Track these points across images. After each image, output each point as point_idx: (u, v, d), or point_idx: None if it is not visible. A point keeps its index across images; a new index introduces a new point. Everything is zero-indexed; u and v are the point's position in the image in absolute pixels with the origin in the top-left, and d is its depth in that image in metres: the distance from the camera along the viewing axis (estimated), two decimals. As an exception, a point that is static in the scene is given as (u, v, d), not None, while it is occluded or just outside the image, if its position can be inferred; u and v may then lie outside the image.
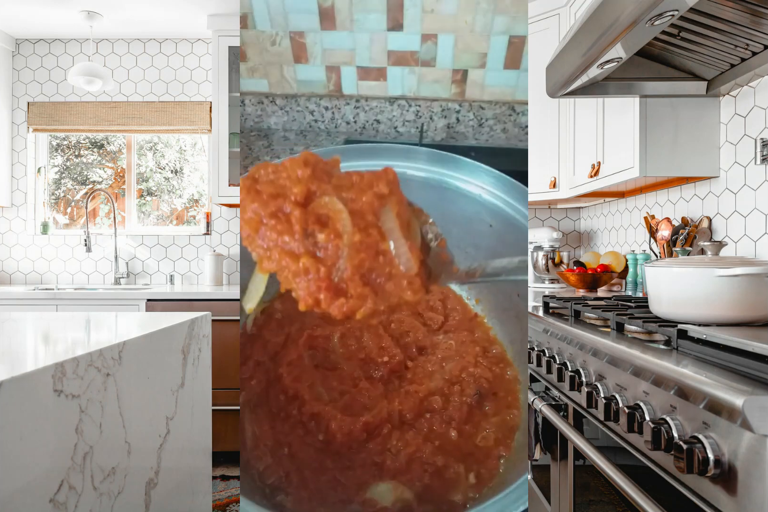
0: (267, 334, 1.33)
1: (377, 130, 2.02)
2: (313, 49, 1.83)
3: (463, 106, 1.98)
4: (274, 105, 1.97)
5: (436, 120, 1.99)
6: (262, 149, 2.01)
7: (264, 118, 2.00)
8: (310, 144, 2.02)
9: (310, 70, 1.90)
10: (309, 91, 1.95)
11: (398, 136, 2.03)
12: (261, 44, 1.83)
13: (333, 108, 1.98)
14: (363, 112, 1.99)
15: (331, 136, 2.02)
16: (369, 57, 1.86)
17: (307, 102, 1.97)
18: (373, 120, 2.01)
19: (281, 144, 2.01)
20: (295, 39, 1.80)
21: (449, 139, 2.02)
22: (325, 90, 1.96)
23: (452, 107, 1.97)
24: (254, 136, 2.01)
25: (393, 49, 1.84)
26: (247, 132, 2.01)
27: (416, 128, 2.00)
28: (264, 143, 2.01)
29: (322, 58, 1.87)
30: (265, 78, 1.92)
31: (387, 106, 1.99)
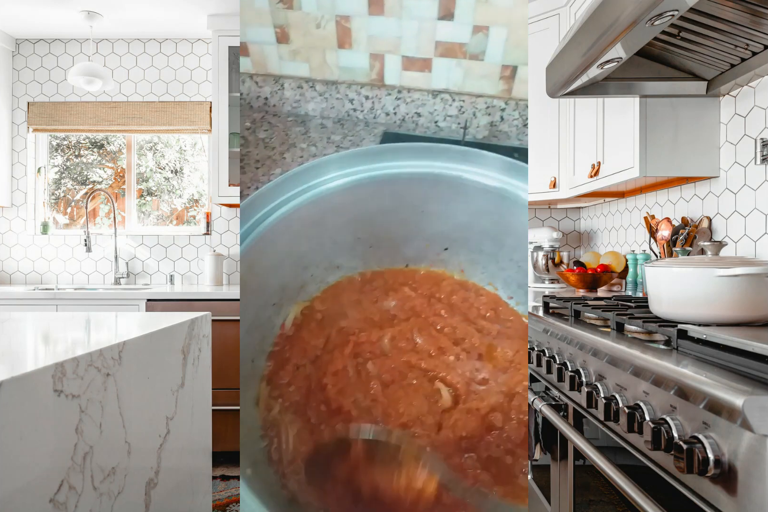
0: (306, 336, 1.29)
1: (417, 123, 1.95)
2: (358, 34, 1.76)
3: (509, 104, 1.90)
4: (313, 90, 1.92)
5: (480, 117, 1.92)
6: (299, 136, 1.95)
7: (302, 103, 1.94)
8: (348, 134, 1.96)
9: (353, 56, 1.83)
10: (350, 79, 1.89)
11: (438, 131, 1.96)
12: (305, 26, 1.76)
13: (373, 97, 1.92)
14: (404, 103, 1.92)
15: (369, 126, 1.96)
16: (415, 46, 1.78)
17: (347, 90, 1.91)
18: (414, 112, 1.94)
19: (318, 131, 1.95)
20: (341, 23, 1.74)
21: (491, 138, 1.95)
22: (366, 78, 1.88)
23: (497, 105, 1.89)
24: (291, 122, 1.95)
25: (441, 40, 1.75)
26: (284, 116, 1.95)
27: (458, 124, 1.92)
28: (301, 130, 1.95)
29: (366, 45, 1.79)
30: (306, 62, 1.86)
31: (429, 99, 1.91)
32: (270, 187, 1.21)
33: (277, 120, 1.99)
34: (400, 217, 1.31)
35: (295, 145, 1.95)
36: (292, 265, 1.28)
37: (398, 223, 1.32)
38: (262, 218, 1.20)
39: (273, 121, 1.98)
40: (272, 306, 1.27)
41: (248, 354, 1.21)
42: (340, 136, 1.96)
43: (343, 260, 1.34)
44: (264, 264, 1.23)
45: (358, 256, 1.34)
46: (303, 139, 1.96)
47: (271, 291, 1.27)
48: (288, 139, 1.96)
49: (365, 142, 1.95)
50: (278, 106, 1.96)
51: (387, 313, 1.31)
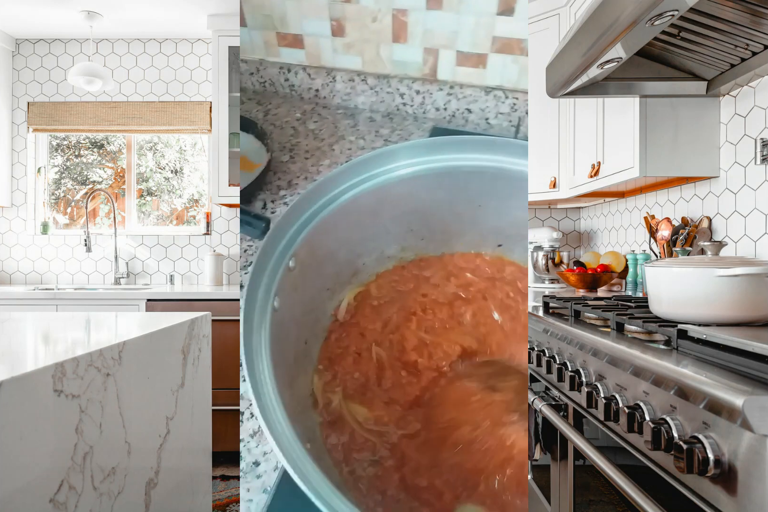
0: (363, 322, 1.29)
1: (467, 119, 1.92)
2: (415, 28, 1.73)
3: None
4: (364, 84, 1.91)
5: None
6: (348, 128, 1.94)
7: (353, 96, 1.93)
8: (396, 128, 1.93)
9: (407, 50, 1.80)
10: (402, 73, 1.86)
11: (489, 128, 1.92)
12: (362, 20, 1.74)
13: (425, 92, 1.90)
14: (455, 99, 1.89)
15: (417, 121, 1.94)
16: (472, 41, 1.74)
17: (398, 84, 1.89)
18: (465, 109, 1.91)
19: (367, 125, 1.93)
20: (398, 17, 1.71)
21: None
22: (419, 73, 1.86)
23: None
24: (341, 114, 1.95)
25: (499, 35, 1.71)
26: (334, 109, 1.95)
27: (509, 122, 1.88)
28: (350, 122, 1.94)
29: (422, 39, 1.76)
30: (359, 55, 1.84)
31: (482, 96, 1.87)
32: (335, 174, 1.21)
33: (327, 112, 1.99)
34: (455, 210, 1.30)
35: (344, 138, 1.94)
36: (347, 253, 1.29)
37: (453, 216, 1.30)
38: (325, 204, 1.20)
39: (323, 113, 1.98)
40: (326, 290, 1.27)
41: (303, 334, 1.20)
42: (388, 129, 1.95)
43: (394, 250, 1.33)
44: (323, 250, 1.23)
45: (408, 248, 1.34)
46: (352, 131, 1.95)
47: (326, 276, 1.27)
48: (337, 132, 1.95)
49: (413, 137, 1.93)
50: (329, 98, 1.96)
51: (453, 295, 1.32)
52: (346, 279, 1.31)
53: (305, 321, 1.21)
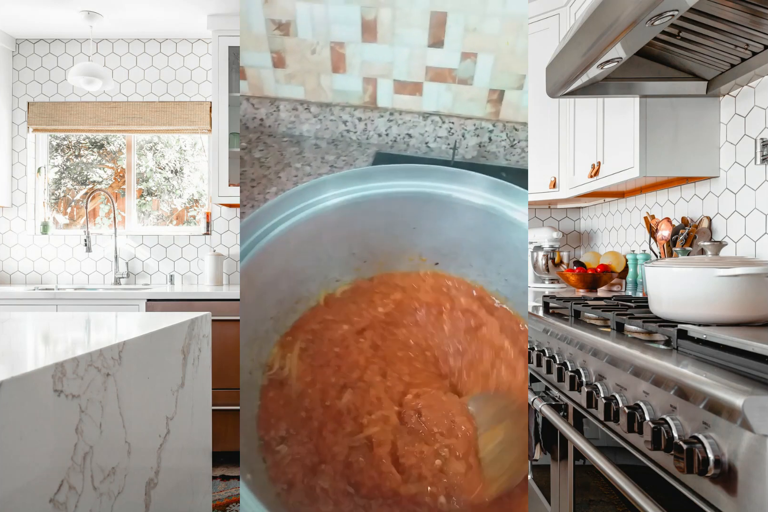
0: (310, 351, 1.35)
1: (408, 144, 2.03)
2: (352, 60, 1.84)
3: (497, 125, 1.98)
4: (308, 112, 1.99)
5: (468, 138, 1.99)
6: (294, 156, 2.01)
7: (297, 124, 2.01)
8: (341, 154, 2.03)
9: (347, 80, 1.91)
10: (344, 101, 1.96)
11: (429, 152, 2.03)
12: (301, 52, 1.83)
13: (366, 119, 1.99)
14: (396, 125, 2.00)
15: (362, 146, 2.03)
16: (407, 71, 1.86)
17: (341, 112, 1.98)
18: (405, 134, 2.02)
19: (313, 152, 2.02)
20: (335, 49, 1.82)
21: (480, 158, 2.02)
22: (360, 101, 1.96)
23: (485, 126, 1.98)
24: (286, 142, 2.02)
25: (431, 65, 1.84)
26: (279, 137, 2.01)
27: (447, 145, 1.99)
28: (296, 149, 2.02)
29: (360, 70, 1.87)
30: (301, 85, 1.93)
31: (420, 121, 1.99)
32: (270, 205, 1.27)
33: (273, 140, 2.05)
34: (393, 233, 1.38)
35: (290, 165, 2.02)
36: (289, 280, 1.34)
37: (391, 238, 1.39)
38: (262, 235, 1.25)
39: (269, 141, 2.04)
40: (269, 319, 1.31)
41: (246, 365, 1.23)
42: (333, 156, 2.03)
43: (338, 274, 1.39)
44: (262, 279, 1.28)
45: (352, 271, 1.40)
46: (298, 158, 2.02)
47: (269, 305, 1.31)
48: (283, 159, 2.02)
49: (358, 162, 2.03)
50: (273, 127, 2.03)
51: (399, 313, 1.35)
52: (290, 306, 1.35)
53: (248, 352, 1.25)
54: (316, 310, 1.35)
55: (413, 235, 1.38)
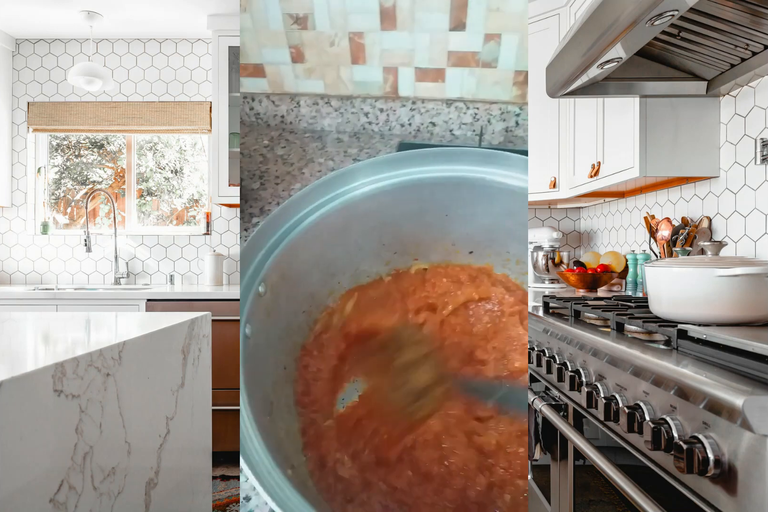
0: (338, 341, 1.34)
1: (432, 132, 1.99)
2: (372, 49, 1.81)
3: (524, 109, 1.92)
4: (329, 106, 1.97)
5: (495, 123, 1.95)
6: (316, 151, 2.00)
7: (318, 119, 1.99)
8: (364, 146, 2.00)
9: (367, 71, 1.88)
10: (365, 93, 1.93)
11: (454, 139, 1.99)
12: (320, 45, 1.81)
13: (388, 110, 1.97)
14: (419, 114, 1.96)
15: (384, 138, 2.01)
16: (428, 58, 1.82)
17: (362, 103, 1.95)
18: (429, 122, 1.98)
19: (335, 146, 2.00)
20: (354, 40, 1.79)
21: (507, 143, 1.98)
22: (381, 91, 1.93)
23: (512, 110, 1.92)
24: (308, 138, 2.00)
25: (453, 50, 1.79)
26: (301, 133, 2.00)
27: (473, 131, 1.95)
28: (318, 145, 2.00)
29: (380, 59, 1.84)
30: (321, 79, 1.91)
31: (444, 109, 1.95)
32: (299, 196, 1.23)
33: (294, 137, 2.04)
34: (424, 220, 1.33)
35: (312, 160, 2.00)
36: (321, 273, 1.30)
37: (423, 227, 1.33)
38: (292, 226, 1.22)
39: (290, 138, 2.03)
40: (302, 313, 1.28)
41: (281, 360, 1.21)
42: (356, 149, 2.00)
43: (368, 266, 1.35)
44: (294, 272, 1.24)
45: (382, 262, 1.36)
46: (320, 153, 2.00)
47: (301, 299, 1.28)
48: (306, 155, 2.00)
49: (381, 154, 1.99)
50: (295, 123, 2.02)
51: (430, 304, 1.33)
52: (322, 300, 1.32)
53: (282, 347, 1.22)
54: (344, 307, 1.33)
55: (446, 222, 1.32)
